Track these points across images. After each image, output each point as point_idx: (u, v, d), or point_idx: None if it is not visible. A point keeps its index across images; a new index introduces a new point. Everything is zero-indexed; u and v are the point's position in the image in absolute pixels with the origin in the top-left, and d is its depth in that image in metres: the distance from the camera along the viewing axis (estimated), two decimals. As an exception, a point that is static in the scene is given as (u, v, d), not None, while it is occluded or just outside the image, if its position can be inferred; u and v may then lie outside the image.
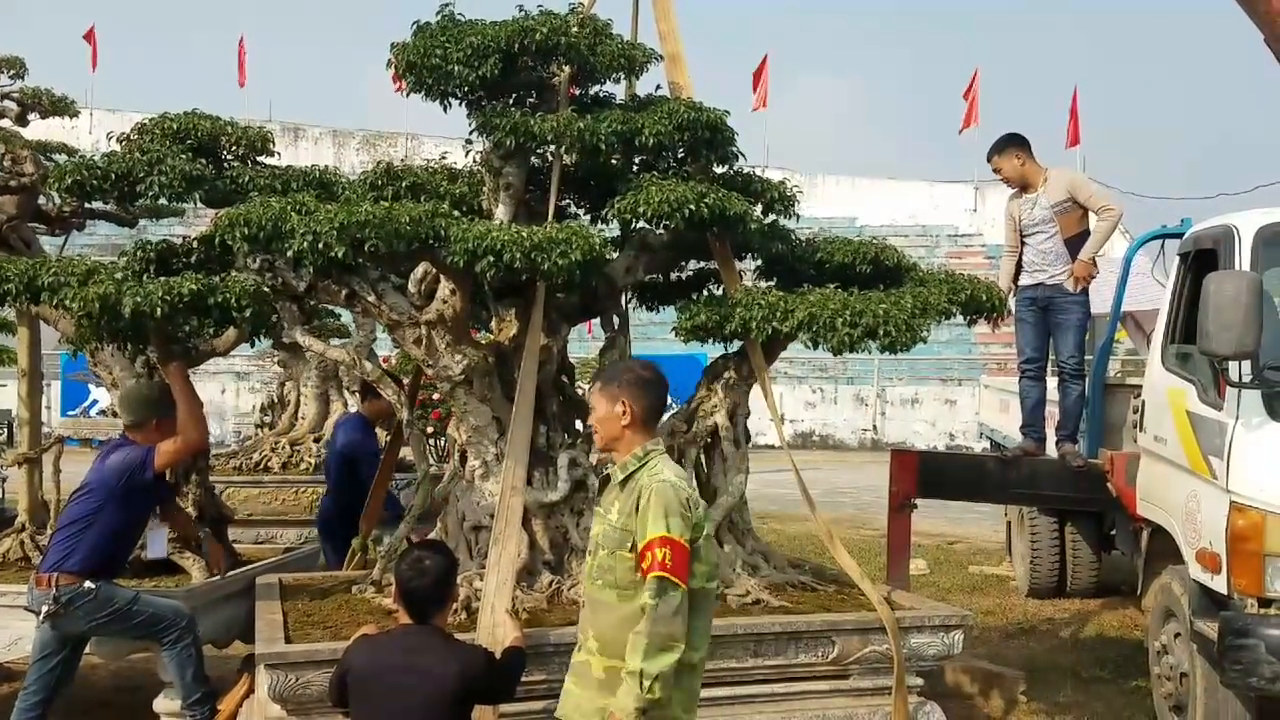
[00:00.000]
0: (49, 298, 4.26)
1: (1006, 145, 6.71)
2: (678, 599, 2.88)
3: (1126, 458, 6.16)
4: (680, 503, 2.95)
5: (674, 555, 2.88)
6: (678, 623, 2.89)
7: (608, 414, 3.12)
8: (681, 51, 5.01)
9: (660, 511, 2.92)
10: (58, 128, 8.79)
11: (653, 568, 2.88)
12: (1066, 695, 6.18)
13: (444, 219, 3.95)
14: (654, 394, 3.15)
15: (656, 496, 2.94)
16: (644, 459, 3.07)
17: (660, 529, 2.90)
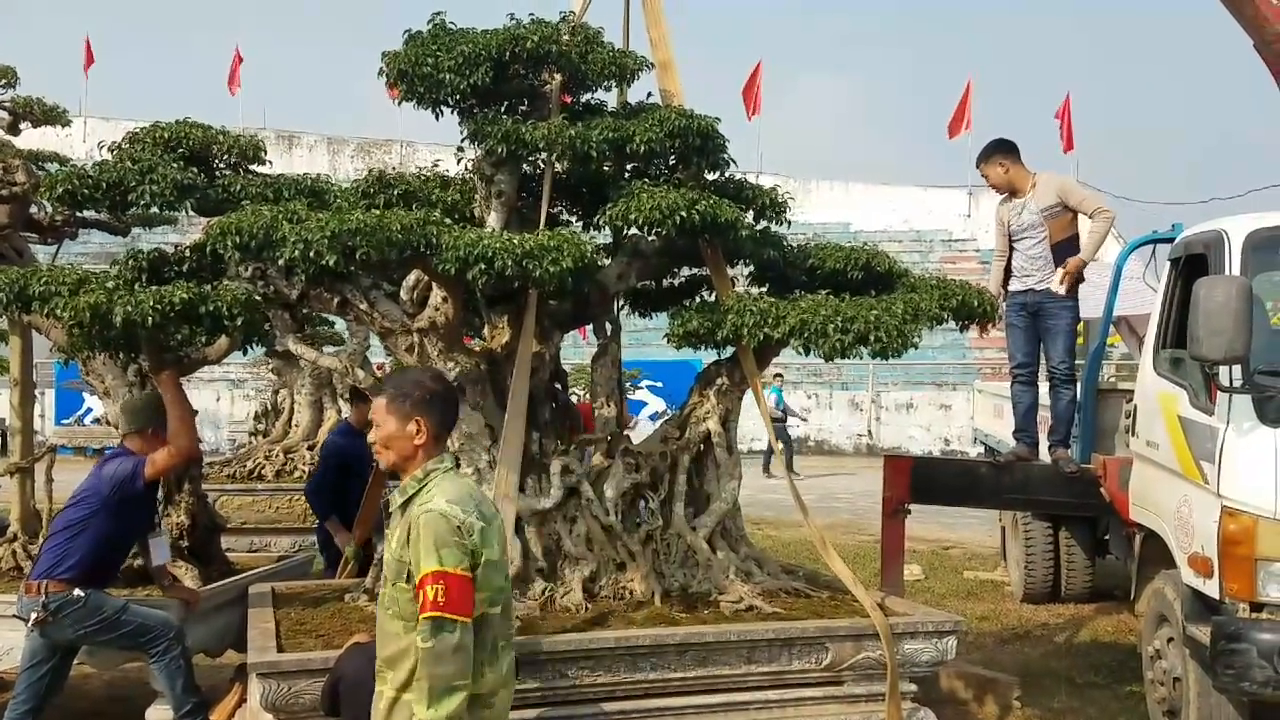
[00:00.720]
0: (40, 307, 4.26)
1: (992, 153, 6.73)
2: (456, 636, 2.73)
3: (1119, 463, 6.17)
4: (451, 531, 2.78)
5: (448, 590, 2.72)
6: (459, 660, 2.74)
7: (398, 433, 2.93)
8: (673, 59, 5.02)
9: (430, 544, 2.76)
10: (52, 136, 8.81)
11: (425, 607, 2.73)
12: (1061, 701, 6.18)
13: (435, 226, 3.96)
14: (448, 410, 3.01)
15: (425, 529, 2.78)
16: (423, 481, 2.91)
17: (432, 563, 2.74)
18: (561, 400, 5.04)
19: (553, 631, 4.12)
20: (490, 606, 2.87)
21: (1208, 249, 5.14)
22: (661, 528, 4.74)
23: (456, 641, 2.73)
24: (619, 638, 4.09)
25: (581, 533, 4.61)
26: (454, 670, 2.73)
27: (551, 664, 3.98)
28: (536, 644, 3.95)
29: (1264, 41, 6.54)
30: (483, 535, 2.84)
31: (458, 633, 2.74)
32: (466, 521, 2.82)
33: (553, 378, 4.94)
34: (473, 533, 2.82)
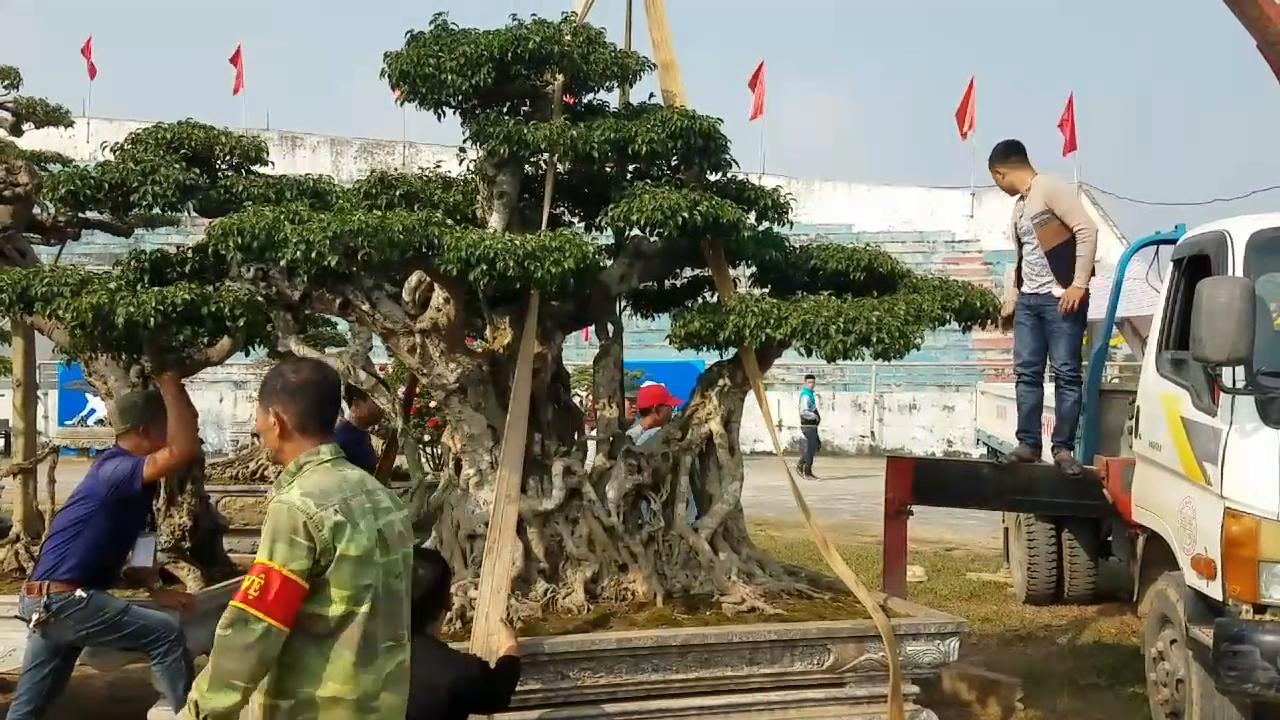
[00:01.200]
0: (42, 308, 4.26)
1: (992, 159, 6.77)
2: (256, 633, 2.57)
3: (1122, 464, 6.16)
4: (294, 527, 2.64)
5: (265, 586, 2.59)
6: (249, 659, 2.58)
7: (264, 426, 2.88)
8: (675, 60, 5.01)
9: (268, 536, 2.65)
10: (55, 137, 8.83)
11: (236, 595, 2.62)
12: (1063, 702, 6.17)
13: (437, 227, 3.95)
14: (306, 400, 2.85)
15: (270, 518, 2.68)
16: (296, 474, 2.81)
17: (263, 555, 2.63)
18: (563, 401, 5.03)
19: (554, 633, 4.12)
20: (355, 605, 2.70)
21: (1211, 250, 5.13)
22: (663, 529, 4.73)
23: (253, 640, 2.57)
24: (621, 639, 4.08)
25: (583, 534, 4.61)
26: (239, 667, 2.58)
27: (553, 665, 3.97)
28: (538, 645, 3.94)
29: (1266, 42, 6.55)
30: (336, 530, 2.67)
31: (258, 631, 2.58)
32: (317, 516, 2.66)
33: (555, 379, 4.94)
34: (322, 528, 2.66)
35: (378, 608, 2.75)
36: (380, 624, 2.76)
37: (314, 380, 2.90)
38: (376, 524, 2.79)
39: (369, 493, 2.85)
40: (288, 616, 2.61)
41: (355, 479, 2.86)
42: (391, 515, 2.88)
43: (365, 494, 2.83)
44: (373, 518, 2.79)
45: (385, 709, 2.76)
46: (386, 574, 2.79)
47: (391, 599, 2.81)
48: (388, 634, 2.79)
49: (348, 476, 2.84)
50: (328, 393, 2.94)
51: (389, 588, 2.80)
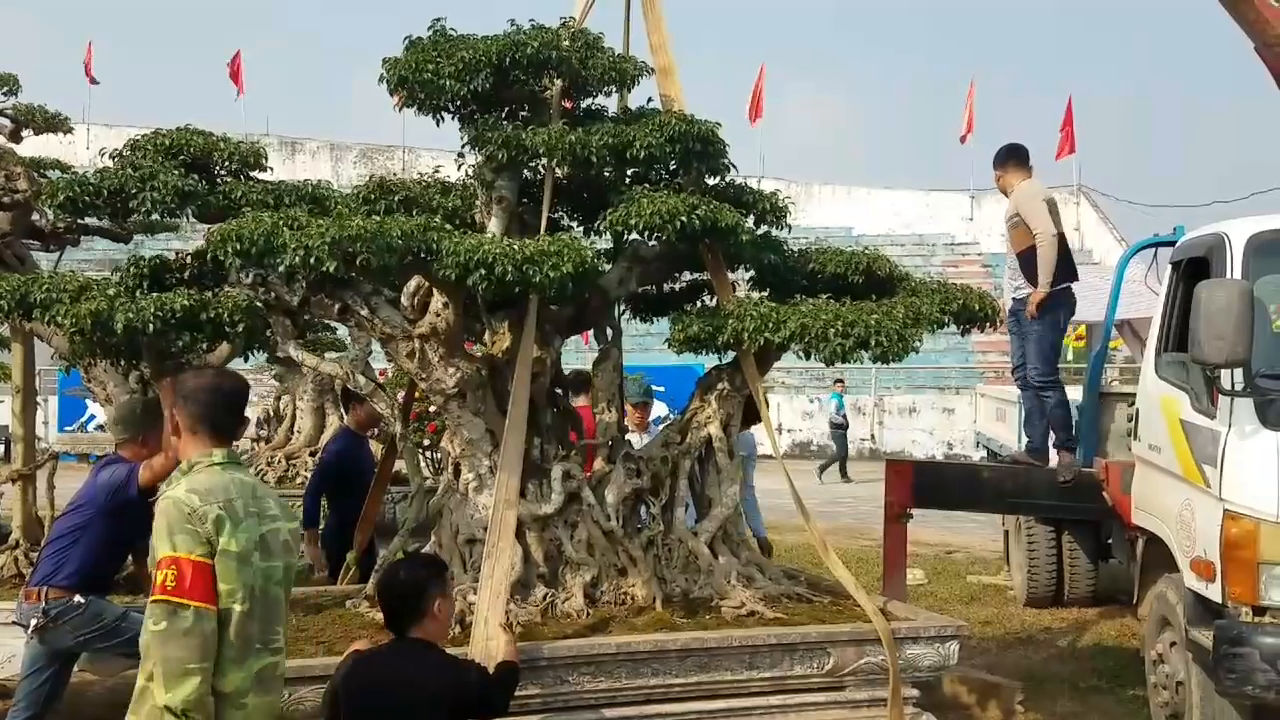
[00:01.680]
0: (41, 314, 4.27)
1: (993, 163, 6.85)
2: (188, 620, 2.69)
3: (1122, 466, 6.16)
4: (184, 516, 2.77)
5: (179, 574, 2.71)
6: (191, 644, 2.69)
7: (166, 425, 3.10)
8: (673, 64, 5.03)
9: (164, 530, 2.77)
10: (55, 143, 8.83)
11: (154, 591, 2.73)
12: (1064, 705, 6.17)
13: (435, 233, 3.96)
14: (198, 404, 2.96)
15: (160, 515, 2.79)
16: (186, 473, 2.92)
17: (166, 549, 2.75)
18: (562, 406, 5.04)
19: (554, 637, 4.11)
20: (232, 601, 2.79)
21: (1209, 252, 5.13)
22: (663, 533, 4.73)
23: (189, 625, 2.69)
24: (620, 643, 4.08)
25: (583, 538, 4.61)
26: (186, 654, 2.68)
27: (552, 670, 3.97)
28: (538, 650, 3.95)
29: (1265, 44, 6.54)
30: (218, 524, 2.79)
31: (190, 617, 2.69)
32: (200, 509, 2.78)
33: (554, 383, 4.94)
34: (205, 521, 2.77)
35: (253, 609, 2.84)
36: (254, 625, 2.85)
37: (208, 386, 3.02)
38: (260, 529, 2.92)
39: (257, 499, 2.96)
40: (209, 596, 2.75)
41: (245, 484, 2.97)
42: (278, 524, 2.99)
43: (253, 499, 2.95)
44: (256, 521, 2.91)
45: (253, 710, 2.84)
46: (266, 578, 2.90)
47: (269, 603, 2.91)
48: (262, 636, 2.88)
49: (237, 480, 2.95)
50: (222, 400, 3.02)
51: (267, 592, 2.90)
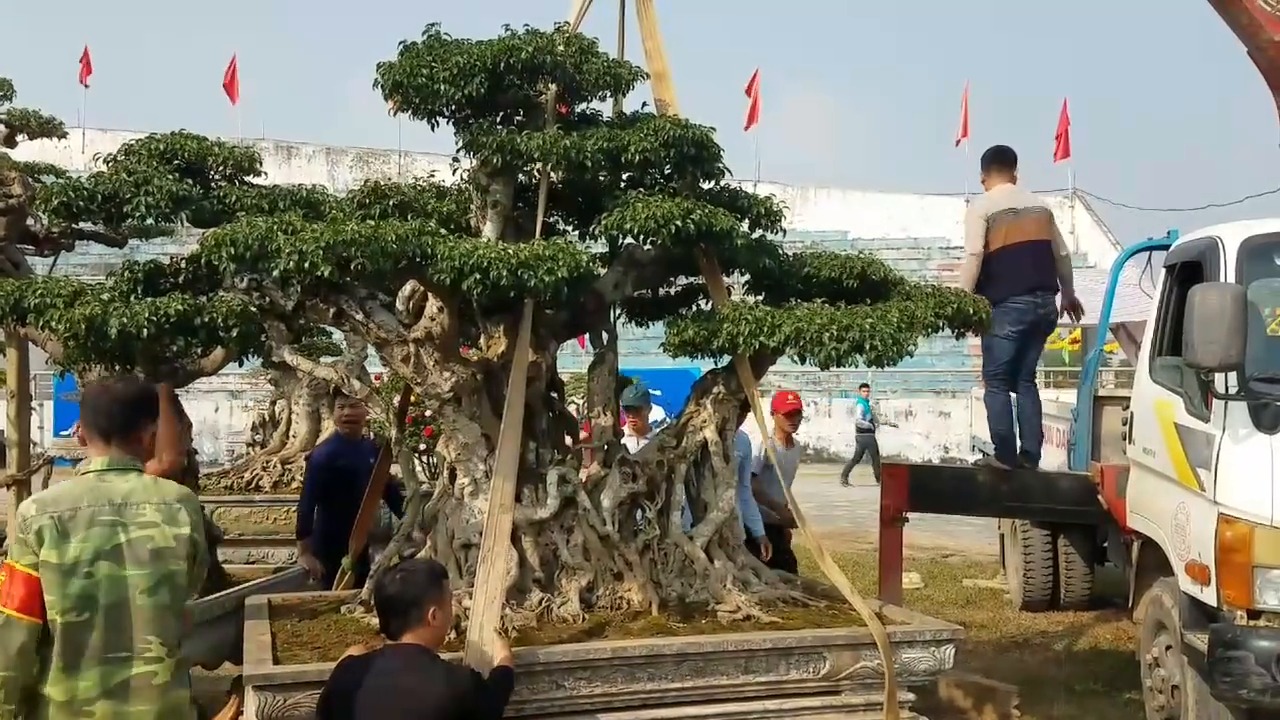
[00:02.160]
0: (35, 319, 4.25)
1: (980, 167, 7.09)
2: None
3: (1117, 470, 6.17)
4: (18, 526, 2.90)
5: (7, 581, 2.87)
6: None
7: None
8: (667, 69, 5.03)
9: (9, 536, 2.94)
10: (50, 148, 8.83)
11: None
12: (1060, 709, 6.17)
13: (430, 237, 3.96)
14: (85, 412, 3.11)
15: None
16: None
17: (9, 556, 2.91)
18: (558, 410, 5.03)
19: (549, 642, 4.10)
20: (56, 613, 2.86)
21: (1203, 256, 5.15)
22: (659, 537, 4.73)
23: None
24: (616, 648, 4.08)
25: (578, 542, 4.61)
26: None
27: (548, 675, 3.96)
28: (533, 654, 3.94)
29: (1257, 47, 6.57)
30: (39, 536, 2.87)
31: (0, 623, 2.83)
32: (30, 520, 2.89)
33: (549, 387, 4.94)
34: (29, 531, 2.88)
35: (93, 620, 2.89)
36: (94, 635, 2.89)
37: (93, 395, 3.13)
38: (117, 538, 2.94)
39: (123, 507, 2.98)
40: (27, 606, 2.85)
41: (115, 491, 2.99)
42: (149, 532, 2.99)
43: (116, 508, 2.97)
44: (107, 531, 2.93)
45: (100, 716, 2.88)
46: (118, 587, 2.92)
47: (123, 613, 2.93)
48: (112, 646, 2.91)
49: (104, 488, 2.99)
50: (104, 408, 3.07)
51: (122, 602, 2.92)
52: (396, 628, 3.38)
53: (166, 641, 2.99)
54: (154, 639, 2.96)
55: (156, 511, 3.02)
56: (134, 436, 3.11)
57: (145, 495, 3.03)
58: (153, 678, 2.96)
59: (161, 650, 2.97)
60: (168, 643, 2.99)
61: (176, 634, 3.03)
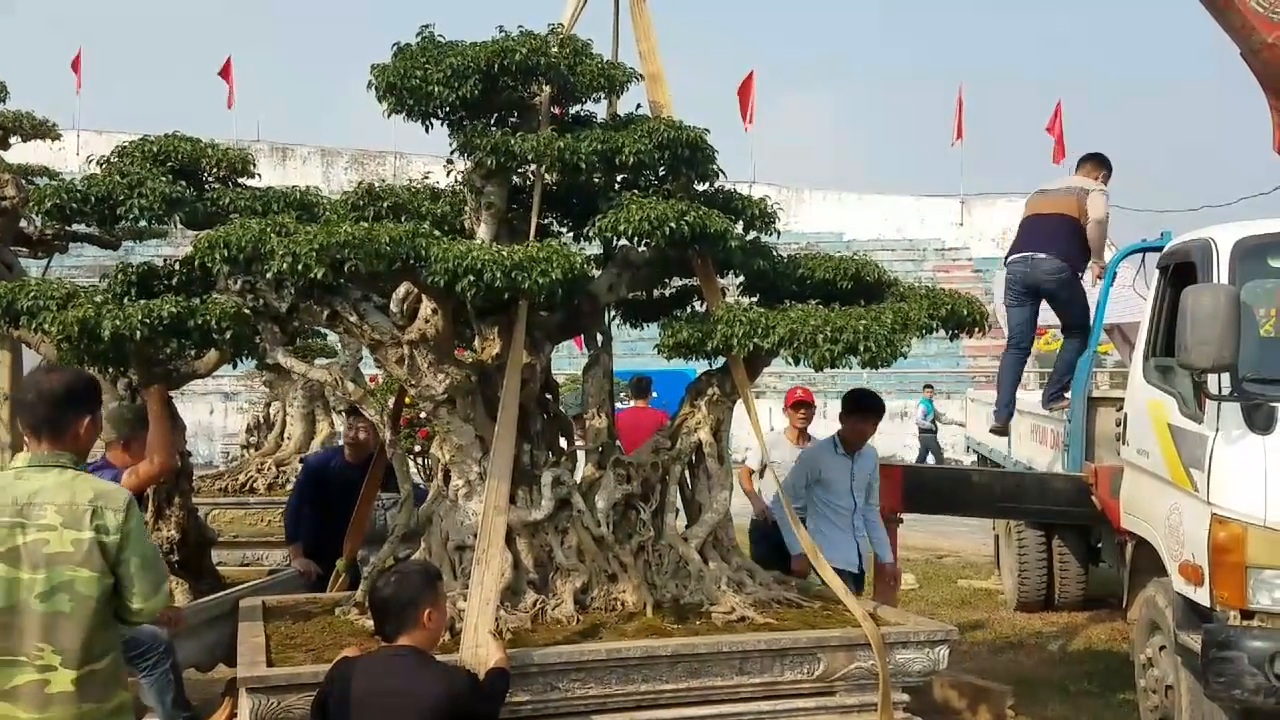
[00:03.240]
0: (28, 321, 4.24)
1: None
2: None
3: (1111, 471, 6.18)
4: None
5: None
6: None
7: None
8: (662, 70, 5.03)
9: None
10: (44, 150, 8.82)
11: None
12: (1054, 709, 6.18)
13: (424, 239, 3.95)
14: (18, 404, 3.22)
15: None
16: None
17: None
18: (552, 411, 5.03)
19: (544, 644, 4.10)
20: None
21: (1196, 257, 5.16)
22: (653, 538, 4.73)
23: None
24: (610, 649, 4.08)
25: (573, 544, 4.61)
26: None
27: (543, 676, 3.96)
28: (528, 656, 3.93)
29: (1251, 50, 6.58)
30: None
31: None
32: None
33: (544, 389, 4.94)
34: None
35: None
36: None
37: (28, 385, 3.06)
38: (17, 539, 2.84)
39: (27, 507, 2.88)
40: None
41: (17, 491, 2.90)
42: (44, 535, 2.86)
43: (19, 508, 2.87)
44: (7, 531, 2.85)
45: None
46: (11, 589, 2.83)
47: (15, 615, 2.83)
48: (5, 648, 2.82)
49: (14, 487, 2.91)
50: (30, 404, 3.00)
51: (15, 604, 2.83)
52: (391, 630, 3.38)
53: (62, 650, 2.85)
54: (46, 646, 2.83)
55: (57, 514, 2.87)
56: (65, 432, 2.99)
57: (51, 495, 2.90)
58: (44, 686, 2.83)
59: (55, 659, 2.84)
60: (63, 651, 2.85)
61: (82, 643, 2.86)
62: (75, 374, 3.18)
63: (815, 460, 6.01)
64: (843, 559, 5.64)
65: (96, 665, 2.91)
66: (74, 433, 3.02)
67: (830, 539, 5.67)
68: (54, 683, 2.84)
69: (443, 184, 5.25)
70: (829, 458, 5.97)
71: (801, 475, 5.98)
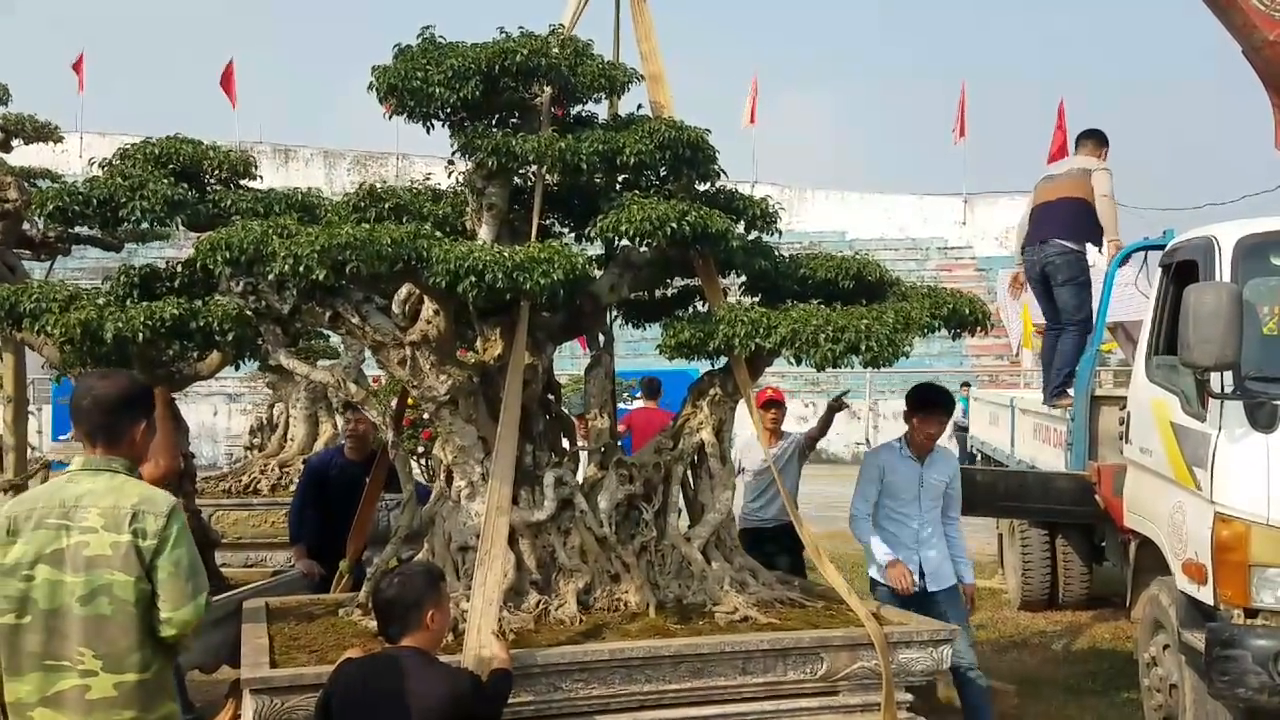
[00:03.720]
0: (31, 324, 4.26)
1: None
2: None
3: (1114, 469, 6.18)
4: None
5: None
6: None
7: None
8: (662, 71, 5.03)
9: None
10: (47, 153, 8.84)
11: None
12: (1058, 708, 6.18)
13: (426, 240, 3.96)
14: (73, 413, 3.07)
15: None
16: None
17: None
18: (555, 412, 5.03)
19: (547, 644, 4.10)
20: (3, 616, 2.83)
21: (1198, 255, 5.15)
22: (656, 539, 4.73)
23: None
24: (613, 650, 4.08)
25: (576, 544, 4.61)
26: None
27: (546, 677, 3.96)
28: (531, 657, 3.94)
29: (1252, 47, 6.57)
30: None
31: None
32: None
33: (546, 389, 4.94)
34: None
35: (34, 623, 2.82)
36: (33, 639, 2.82)
37: (77, 395, 3.04)
38: (58, 542, 2.85)
39: (73, 510, 2.88)
40: None
41: (66, 494, 2.91)
42: (86, 538, 2.86)
43: (65, 511, 2.87)
44: (51, 534, 2.85)
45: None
46: (56, 592, 2.83)
47: (60, 619, 2.83)
48: (50, 653, 2.83)
49: (60, 490, 2.92)
50: (85, 410, 3.00)
51: (59, 608, 2.83)
52: (395, 631, 3.38)
53: (103, 655, 2.84)
54: (87, 651, 2.83)
55: (100, 516, 2.87)
56: (120, 438, 3.00)
57: (97, 499, 2.89)
58: (85, 691, 2.83)
59: (96, 664, 2.83)
60: (104, 656, 2.84)
61: (125, 648, 2.85)
62: (129, 380, 3.19)
63: (880, 462, 5.45)
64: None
65: (143, 675, 2.89)
66: (129, 439, 3.03)
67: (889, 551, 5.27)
68: (94, 688, 2.83)
69: (444, 185, 5.25)
70: (895, 460, 5.41)
71: (871, 481, 5.41)
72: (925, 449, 5.38)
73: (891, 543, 5.30)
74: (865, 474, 5.45)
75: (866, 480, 5.41)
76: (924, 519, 5.37)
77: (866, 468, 5.49)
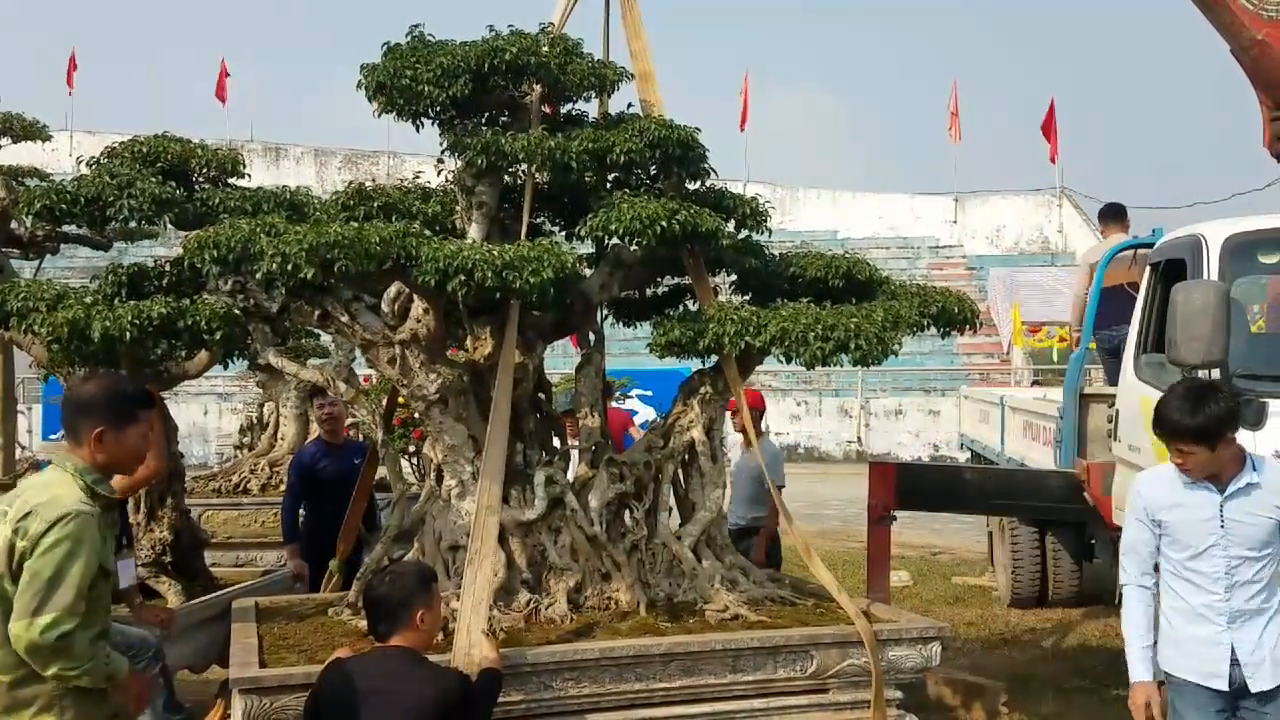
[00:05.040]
0: (18, 323, 4.24)
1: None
2: None
3: (1103, 467, 6.19)
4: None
5: None
6: None
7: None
8: (652, 69, 5.03)
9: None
10: (37, 151, 8.81)
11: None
12: (1048, 706, 6.19)
13: (414, 239, 3.95)
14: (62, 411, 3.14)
15: None
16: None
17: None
18: (545, 411, 5.03)
19: (537, 643, 4.10)
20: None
21: (1186, 254, 5.17)
22: (646, 537, 4.73)
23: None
24: (604, 648, 4.08)
25: (566, 543, 4.61)
26: None
27: (536, 676, 3.96)
28: (521, 656, 3.94)
29: (1240, 46, 6.57)
30: None
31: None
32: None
33: (536, 388, 4.94)
34: None
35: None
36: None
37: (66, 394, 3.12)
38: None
39: (13, 499, 2.95)
40: None
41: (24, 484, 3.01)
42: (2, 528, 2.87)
43: (10, 500, 2.95)
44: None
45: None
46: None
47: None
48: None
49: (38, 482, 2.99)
50: (69, 406, 3.09)
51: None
52: (385, 630, 3.37)
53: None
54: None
55: (6, 508, 2.90)
56: (78, 439, 3.01)
57: (26, 492, 2.93)
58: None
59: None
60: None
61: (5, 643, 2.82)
62: (101, 384, 3.12)
63: (1149, 498, 3.63)
64: (1196, 667, 3.51)
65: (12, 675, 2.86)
66: (86, 441, 2.99)
67: (1179, 630, 3.56)
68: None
69: (434, 184, 5.25)
70: (1180, 492, 3.57)
71: (1142, 528, 3.65)
72: (1204, 473, 3.55)
73: (1187, 629, 3.55)
74: (1134, 515, 3.73)
75: (1136, 527, 3.71)
76: (1238, 584, 3.49)
77: (1134, 509, 3.74)
